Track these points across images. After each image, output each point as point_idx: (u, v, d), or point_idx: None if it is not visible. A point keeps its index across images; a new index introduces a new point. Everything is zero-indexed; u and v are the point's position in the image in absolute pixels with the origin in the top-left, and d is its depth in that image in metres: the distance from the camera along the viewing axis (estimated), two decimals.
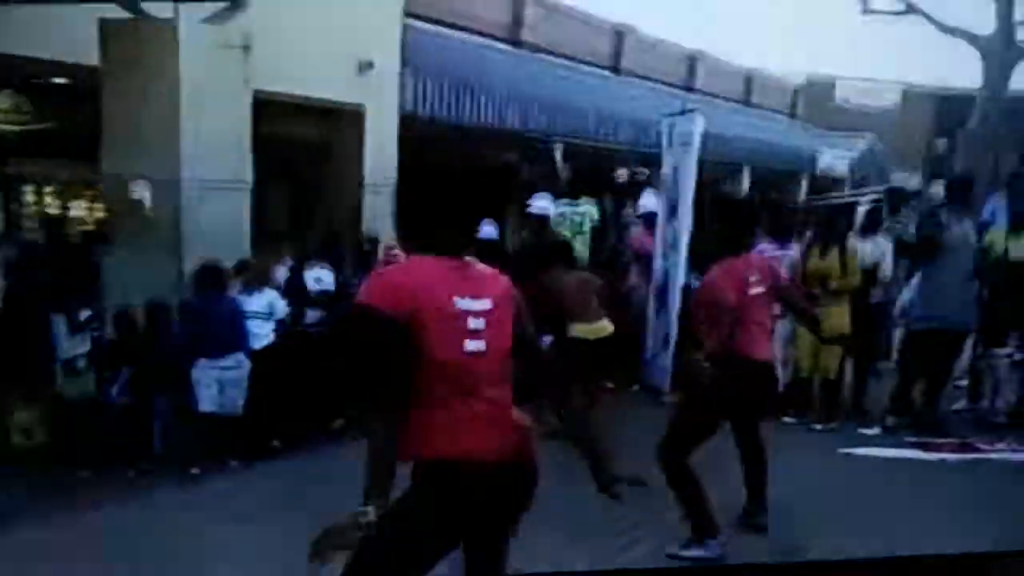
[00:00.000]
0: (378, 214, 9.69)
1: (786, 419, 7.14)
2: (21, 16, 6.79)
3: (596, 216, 9.18)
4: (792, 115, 22.64)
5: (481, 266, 2.57)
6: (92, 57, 6.86)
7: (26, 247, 7.15)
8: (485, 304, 2.47)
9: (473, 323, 2.43)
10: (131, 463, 5.98)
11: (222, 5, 6.87)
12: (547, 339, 6.28)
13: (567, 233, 8.89)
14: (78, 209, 10.34)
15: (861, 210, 8.84)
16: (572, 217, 9.10)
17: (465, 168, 2.65)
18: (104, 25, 6.77)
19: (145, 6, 6.75)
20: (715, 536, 4.40)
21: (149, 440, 6.16)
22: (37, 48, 7.16)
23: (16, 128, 9.47)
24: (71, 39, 7.00)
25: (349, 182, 9.83)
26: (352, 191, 9.77)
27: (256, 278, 6.68)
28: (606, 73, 15.62)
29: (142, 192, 6.52)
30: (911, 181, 17.41)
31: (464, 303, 2.43)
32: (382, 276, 2.58)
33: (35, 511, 4.91)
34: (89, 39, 6.77)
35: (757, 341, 4.50)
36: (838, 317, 6.81)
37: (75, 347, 6.32)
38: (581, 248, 8.86)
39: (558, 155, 10.09)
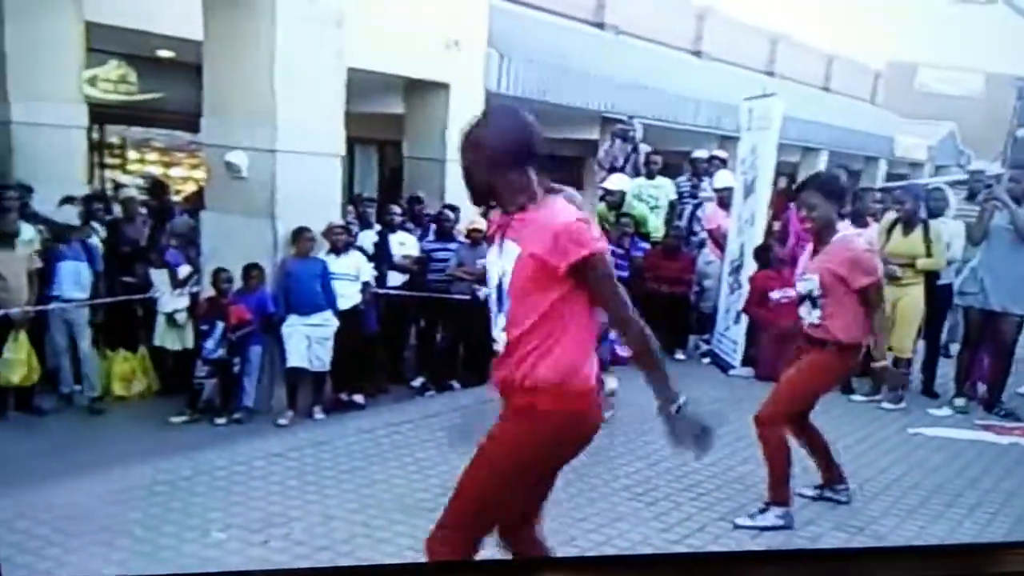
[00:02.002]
0: (461, 185, 9.76)
1: (855, 397, 7.03)
2: None
3: (673, 193, 9.10)
4: (872, 101, 22.04)
5: None
6: (196, 31, 7.03)
7: (130, 208, 7.37)
8: None
9: None
10: (222, 413, 6.16)
11: None
12: None
13: (645, 210, 8.86)
14: (178, 174, 10.67)
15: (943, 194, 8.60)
16: (650, 193, 9.04)
17: None
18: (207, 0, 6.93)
19: None
20: (787, 506, 4.30)
21: (238, 392, 6.33)
22: (144, 21, 7.39)
23: (122, 97, 9.79)
24: (176, 13, 7.19)
25: (434, 154, 9.91)
26: (436, 163, 9.84)
27: (344, 242, 6.79)
28: (687, 55, 15.42)
29: (239, 160, 6.64)
30: (992, 168, 16.81)
31: None
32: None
33: (134, 454, 5.07)
34: (193, 14, 6.95)
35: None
36: (915, 297, 6.70)
37: (175, 302, 6.53)
38: (657, 223, 8.83)
39: (638, 134, 10.02)
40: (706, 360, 8.05)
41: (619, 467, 5.03)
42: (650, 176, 9.16)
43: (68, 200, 6.70)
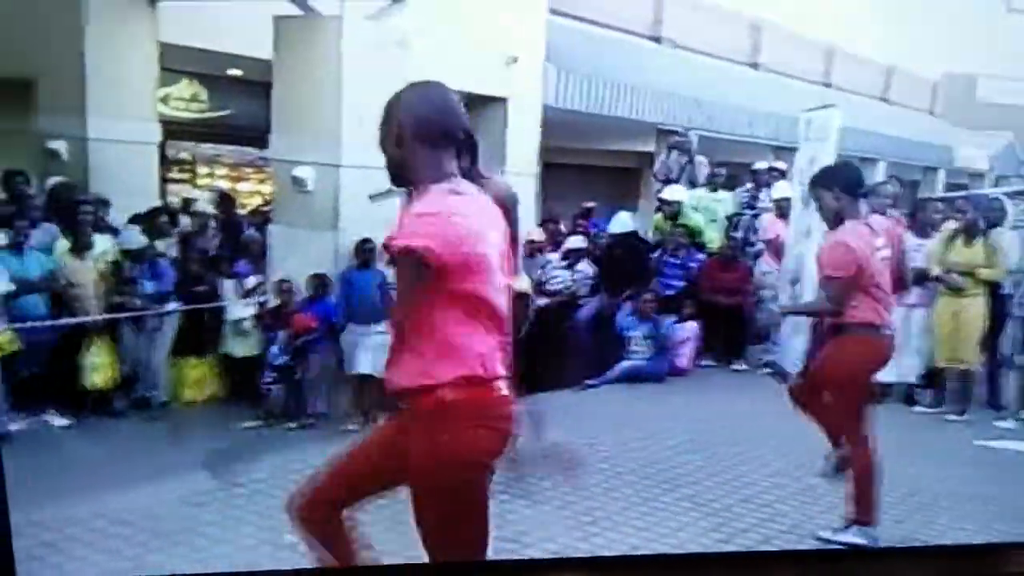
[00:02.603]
0: (519, 198, 9.81)
1: (918, 408, 6.93)
2: (201, 11, 7.19)
3: (733, 206, 9.08)
4: (931, 111, 21.64)
5: None
6: (264, 51, 7.20)
7: (200, 220, 7.55)
8: None
9: None
10: (291, 417, 6.27)
11: (384, 3, 7.09)
12: None
13: (701, 221, 8.84)
14: (246, 188, 10.89)
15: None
16: (708, 205, 9.02)
17: None
18: (278, 21, 7.08)
19: (314, 3, 7.04)
20: (872, 525, 4.05)
21: (305, 397, 6.42)
22: (215, 42, 7.58)
23: (193, 115, 10.05)
24: (247, 34, 7.37)
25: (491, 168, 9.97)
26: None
27: None
28: (744, 67, 15.33)
29: (306, 175, 6.77)
30: None
31: None
32: None
33: (208, 458, 5.18)
34: (261, 34, 7.12)
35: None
36: (978, 307, 6.62)
37: (242, 310, 6.68)
38: (714, 235, 8.81)
39: (693, 146, 10.01)
40: (766, 371, 7.98)
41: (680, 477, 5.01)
42: (712, 188, 9.16)
43: (135, 219, 6.87)
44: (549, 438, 4.54)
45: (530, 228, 8.05)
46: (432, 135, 2.45)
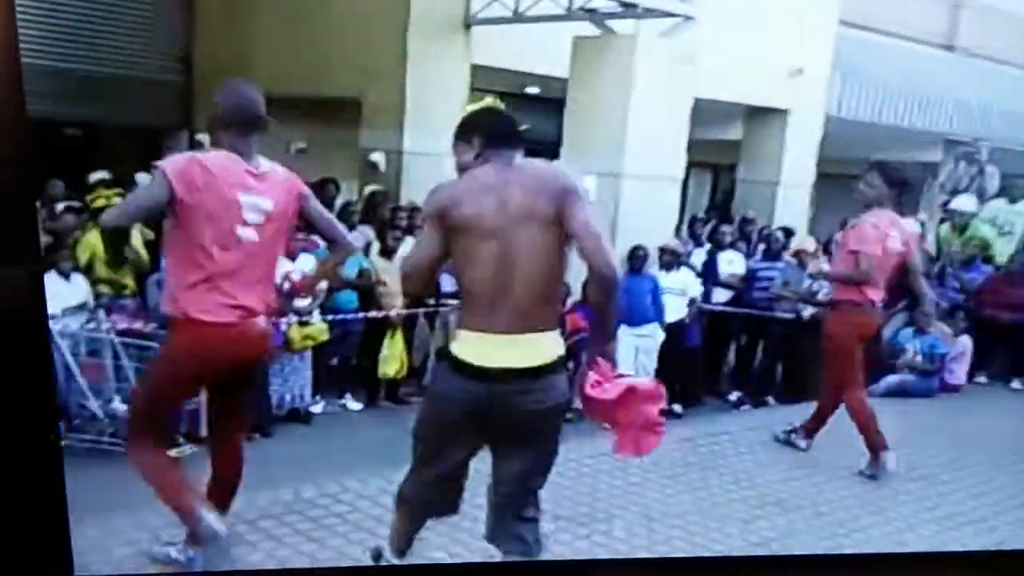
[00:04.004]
0: (794, 210, 9.45)
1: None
2: (508, 34, 7.55)
3: None
4: None
5: None
6: (560, 70, 7.44)
7: None
8: None
9: None
10: None
11: (677, 20, 7.10)
12: None
13: (991, 233, 8.02)
14: None
15: None
16: (1007, 218, 8.15)
17: None
18: (576, 40, 7.31)
19: (611, 23, 7.18)
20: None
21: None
22: (518, 63, 7.94)
23: None
24: (546, 55, 7.66)
25: (768, 177, 9.69)
26: (770, 185, 9.62)
27: (674, 259, 6.88)
28: None
29: (589, 184, 6.93)
30: None
31: None
32: None
33: None
34: (561, 54, 7.36)
35: None
36: None
37: None
38: (1005, 248, 7.96)
39: (983, 156, 9.13)
40: None
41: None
42: (1012, 200, 8.29)
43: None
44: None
45: (803, 237, 7.76)
46: (233, 121, 2.85)
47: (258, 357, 3.15)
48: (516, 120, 2.76)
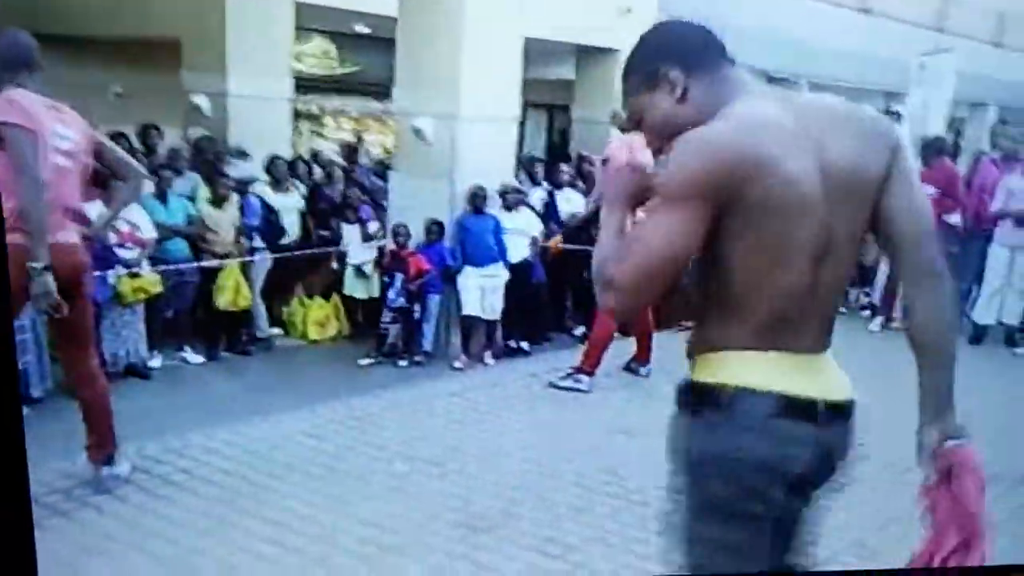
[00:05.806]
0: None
1: (1019, 351, 6.77)
2: None
3: None
4: None
5: None
6: (390, 8, 7.21)
7: (330, 171, 7.70)
8: None
9: None
10: (404, 355, 6.43)
11: None
12: None
13: None
14: (369, 139, 11.04)
15: None
16: None
17: None
18: None
19: None
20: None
21: (420, 336, 6.55)
22: (346, 1, 7.64)
23: (323, 71, 10.20)
24: None
25: (602, 117, 9.82)
26: (604, 125, 9.75)
27: (515, 200, 6.87)
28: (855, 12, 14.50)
29: (426, 126, 6.80)
30: None
31: None
32: None
33: (328, 392, 5.35)
34: None
35: None
36: None
37: (363, 254, 6.83)
38: None
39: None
40: None
41: None
42: None
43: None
44: None
45: None
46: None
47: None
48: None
